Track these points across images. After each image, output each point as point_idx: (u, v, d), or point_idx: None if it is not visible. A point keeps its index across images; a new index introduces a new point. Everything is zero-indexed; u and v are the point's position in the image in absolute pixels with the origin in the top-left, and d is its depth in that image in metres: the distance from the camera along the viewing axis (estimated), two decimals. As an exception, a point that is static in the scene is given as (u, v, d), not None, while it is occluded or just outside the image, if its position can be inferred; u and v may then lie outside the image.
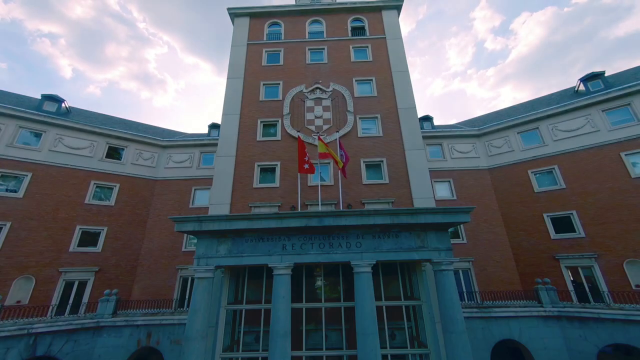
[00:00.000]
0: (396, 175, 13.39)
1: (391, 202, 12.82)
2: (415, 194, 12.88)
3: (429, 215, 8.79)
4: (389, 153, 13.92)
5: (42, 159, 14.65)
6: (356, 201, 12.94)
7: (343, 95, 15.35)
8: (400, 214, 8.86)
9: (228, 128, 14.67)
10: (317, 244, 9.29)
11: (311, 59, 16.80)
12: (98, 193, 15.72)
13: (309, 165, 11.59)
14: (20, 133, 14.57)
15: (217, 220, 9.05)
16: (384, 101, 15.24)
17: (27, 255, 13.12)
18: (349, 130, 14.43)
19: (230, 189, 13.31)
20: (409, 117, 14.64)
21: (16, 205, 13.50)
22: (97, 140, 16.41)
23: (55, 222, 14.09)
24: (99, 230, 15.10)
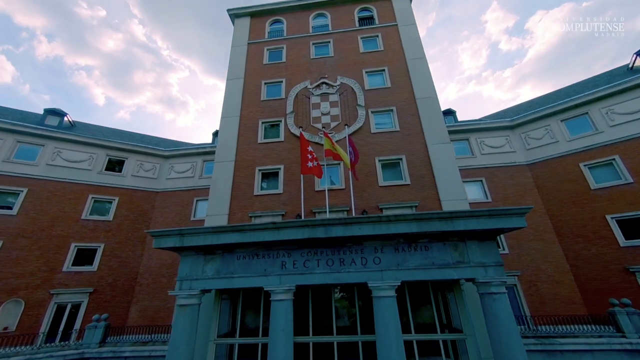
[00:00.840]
0: (418, 175, 11.33)
1: (414, 206, 10.72)
2: (444, 195, 10.72)
3: (469, 220, 6.70)
4: (409, 149, 11.93)
5: (39, 174, 14.05)
6: (372, 206, 10.98)
7: (352, 89, 13.68)
8: (430, 219, 6.82)
9: (227, 131, 13.38)
10: (324, 261, 7.41)
11: (316, 53, 15.40)
12: (96, 208, 14.87)
13: (314, 164, 9.86)
14: (18, 148, 14.14)
15: (201, 234, 7.46)
16: (399, 92, 13.39)
17: (17, 277, 12.23)
18: (360, 126, 12.65)
19: (228, 197, 11.82)
20: (429, 107, 12.66)
21: (9, 222, 12.80)
22: (96, 152, 15.76)
23: (49, 240, 13.24)
24: (95, 247, 14.10)
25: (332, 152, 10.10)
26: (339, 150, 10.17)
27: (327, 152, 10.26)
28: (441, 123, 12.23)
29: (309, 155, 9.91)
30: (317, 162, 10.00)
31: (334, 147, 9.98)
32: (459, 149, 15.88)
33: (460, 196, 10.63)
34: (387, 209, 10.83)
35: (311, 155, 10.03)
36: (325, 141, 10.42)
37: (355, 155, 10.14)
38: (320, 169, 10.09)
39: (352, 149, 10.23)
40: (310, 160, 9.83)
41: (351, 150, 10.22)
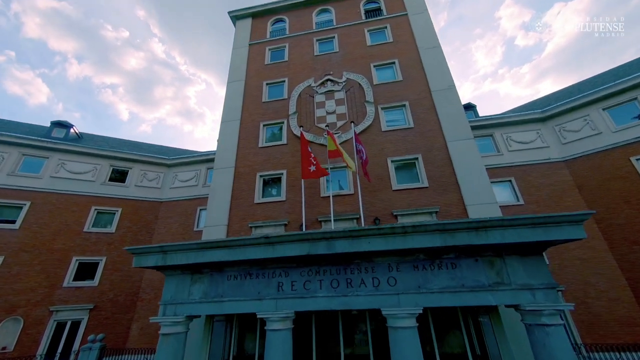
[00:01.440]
0: (438, 176, 9.94)
1: (434, 212, 9.32)
2: (469, 198, 9.25)
3: (507, 231, 5.30)
4: (425, 147, 10.57)
5: (43, 187, 13.88)
6: (385, 213, 9.67)
7: (359, 85, 12.55)
8: (456, 229, 5.48)
9: (227, 136, 12.59)
10: (327, 281, 6.21)
11: (320, 50, 14.44)
12: (99, 219, 14.49)
13: (317, 167, 8.74)
14: (23, 161, 14.07)
15: (185, 251, 6.50)
16: (412, 85, 12.09)
17: (17, 293, 11.88)
18: (369, 124, 11.44)
19: (227, 207, 10.92)
20: (447, 100, 11.27)
21: (11, 237, 12.59)
22: (100, 163, 15.52)
23: (50, 254, 12.90)
24: (97, 261, 13.64)
25: (337, 153, 8.94)
26: (345, 154, 8.98)
27: (331, 153, 9.11)
28: (462, 117, 10.80)
29: (311, 158, 8.82)
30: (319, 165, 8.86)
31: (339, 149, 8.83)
32: (482, 147, 14.22)
33: (488, 199, 9.12)
34: (402, 216, 9.49)
35: (312, 156, 8.92)
36: (328, 141, 9.29)
37: (366, 156, 8.93)
38: (322, 171, 8.93)
39: (361, 146, 9.02)
40: (312, 164, 8.74)
41: (361, 149, 9.02)
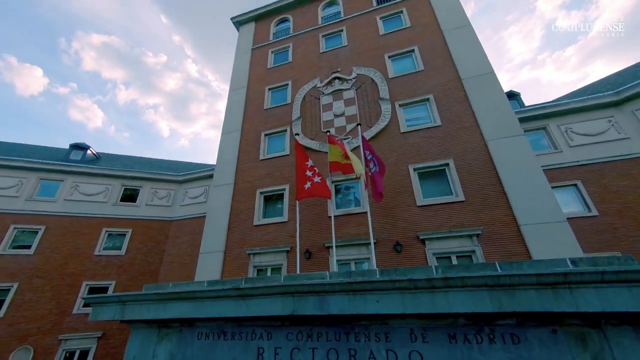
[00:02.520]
0: (477, 185, 7.69)
1: (475, 234, 7.09)
2: (524, 215, 6.91)
3: (613, 290, 3.14)
4: (458, 150, 8.38)
5: (57, 210, 13.96)
6: (409, 237, 7.65)
7: (372, 80, 10.69)
8: (518, 285, 3.43)
9: (226, 149, 11.47)
10: (323, 351, 4.42)
11: (326, 46, 12.87)
12: (109, 242, 14.22)
13: (314, 184, 7.04)
14: (40, 185, 14.33)
15: (145, 302, 5.17)
16: (436, 74, 9.96)
17: (28, 321, 11.75)
18: (385, 126, 9.51)
19: (224, 230, 9.66)
20: (484, 88, 8.98)
21: (26, 263, 12.64)
22: (112, 183, 15.40)
23: (61, 279, 12.74)
24: (106, 286, 13.25)
25: (340, 165, 7.13)
26: (354, 159, 7.07)
27: (332, 165, 7.32)
28: (506, 108, 8.44)
29: (308, 172, 7.16)
30: (320, 178, 7.14)
31: (343, 157, 7.02)
32: (531, 143, 11.41)
33: (552, 216, 6.69)
34: (432, 241, 7.38)
35: (311, 171, 7.24)
36: (329, 150, 7.53)
37: (381, 165, 7.01)
38: (325, 188, 7.17)
39: (373, 156, 7.15)
40: (309, 179, 7.06)
41: (372, 158, 7.16)
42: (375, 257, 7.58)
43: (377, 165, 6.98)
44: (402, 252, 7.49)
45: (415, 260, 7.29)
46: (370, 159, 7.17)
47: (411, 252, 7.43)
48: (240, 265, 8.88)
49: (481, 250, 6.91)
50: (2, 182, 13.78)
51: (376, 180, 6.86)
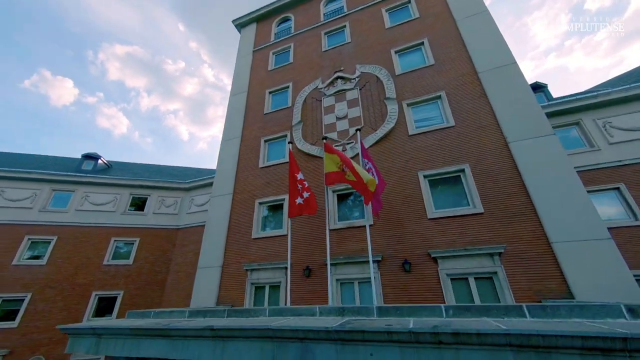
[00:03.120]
0: (498, 194, 6.69)
1: (497, 253, 6.11)
2: (556, 230, 5.86)
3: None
4: (475, 153, 7.37)
5: (68, 221, 14.22)
6: (419, 254, 6.78)
7: (377, 78, 9.83)
8: (556, 348, 2.58)
9: (226, 157, 11.03)
10: (310, 406, 3.76)
11: (329, 43, 12.11)
12: (117, 251, 14.31)
13: (305, 200, 6.33)
14: (53, 196, 14.67)
15: (119, 335, 4.71)
16: (448, 69, 8.94)
17: (41, 331, 11.97)
18: (391, 128, 8.63)
19: (223, 243, 9.21)
20: (505, 81, 7.89)
21: (39, 273, 12.92)
22: (120, 192, 15.53)
23: (72, 289, 12.91)
24: (115, 295, 13.31)
25: (337, 177, 6.36)
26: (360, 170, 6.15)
27: (329, 177, 6.57)
28: (531, 103, 7.33)
29: (298, 186, 6.47)
30: (309, 194, 6.42)
31: (341, 166, 6.25)
32: (562, 140, 10.05)
33: (593, 232, 5.60)
34: (445, 259, 6.47)
35: (301, 184, 6.54)
36: (325, 159, 6.77)
37: (380, 180, 6.18)
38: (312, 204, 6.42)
39: (373, 166, 6.34)
40: (299, 194, 6.37)
41: (371, 167, 6.36)
42: (381, 277, 6.81)
43: (375, 176, 6.17)
44: (411, 271, 6.65)
45: (427, 281, 6.43)
46: (369, 168, 6.37)
47: (422, 271, 6.57)
48: (237, 283, 8.38)
49: (504, 271, 5.94)
50: (18, 194, 14.20)
51: (377, 194, 6.05)
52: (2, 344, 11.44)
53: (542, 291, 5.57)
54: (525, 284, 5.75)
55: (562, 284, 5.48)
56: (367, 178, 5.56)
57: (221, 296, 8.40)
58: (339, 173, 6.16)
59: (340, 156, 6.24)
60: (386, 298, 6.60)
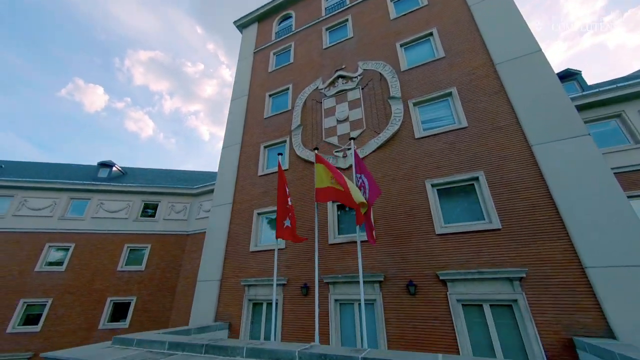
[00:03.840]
0: (519, 207, 5.77)
1: (518, 278, 5.24)
2: (591, 254, 4.92)
3: None
4: (491, 158, 6.45)
5: (85, 228, 14.75)
6: (425, 274, 6.05)
7: (381, 76, 9.01)
8: None
9: (226, 165, 10.74)
10: None
11: (330, 40, 11.38)
12: (130, 257, 14.66)
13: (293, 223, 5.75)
14: (71, 204, 15.27)
15: (95, 371, 4.48)
16: (461, 61, 7.95)
17: (61, 336, 12.53)
18: (395, 131, 7.84)
19: (222, 255, 8.94)
20: (527, 72, 6.83)
21: (59, 279, 13.52)
22: (132, 199, 15.88)
23: (89, 295, 13.40)
24: (128, 301, 13.65)
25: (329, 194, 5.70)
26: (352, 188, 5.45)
27: (319, 193, 5.93)
28: (559, 96, 6.26)
29: (287, 204, 5.91)
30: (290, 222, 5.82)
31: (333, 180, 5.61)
32: (598, 137, 8.69)
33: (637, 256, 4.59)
34: (455, 283, 5.70)
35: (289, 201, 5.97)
36: (316, 172, 6.14)
37: (371, 192, 5.48)
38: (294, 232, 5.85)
39: (366, 178, 5.65)
40: (287, 214, 5.82)
41: (364, 182, 5.68)
42: (383, 299, 6.17)
43: (367, 193, 5.46)
44: (416, 294, 5.94)
45: (434, 306, 5.70)
46: (362, 184, 5.68)
47: (428, 295, 5.84)
48: (235, 298, 8.07)
49: (526, 299, 5.08)
50: (40, 203, 14.90)
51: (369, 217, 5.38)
52: (26, 347, 12.08)
53: (573, 326, 4.68)
54: (552, 315, 4.87)
55: (599, 319, 4.56)
56: (359, 199, 4.91)
57: (219, 311, 8.14)
58: (331, 190, 5.53)
59: (332, 170, 5.61)
60: (388, 324, 5.96)
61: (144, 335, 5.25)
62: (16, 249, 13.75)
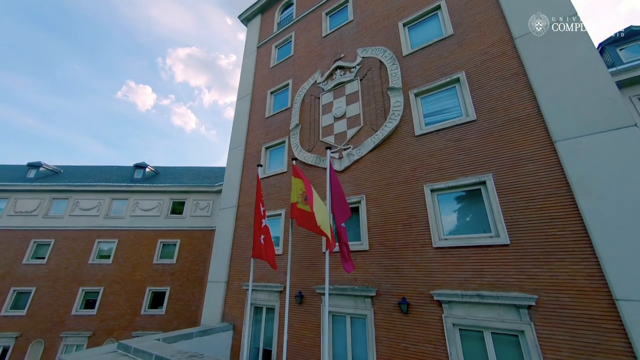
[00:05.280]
0: (533, 219, 4.80)
1: (526, 305, 4.43)
2: (623, 282, 3.90)
3: None
4: (502, 159, 5.42)
5: (125, 225, 16.50)
6: (419, 292, 5.48)
7: (381, 63, 8.05)
8: None
9: (232, 167, 10.89)
10: None
11: (330, 26, 10.48)
12: (163, 252, 16.12)
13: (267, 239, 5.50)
14: (113, 204, 17.14)
15: (92, 379, 4.94)
16: (472, 38, 6.68)
17: (112, 318, 14.51)
18: (394, 128, 7.02)
19: (227, 258, 9.25)
20: (556, 46, 5.48)
21: (107, 270, 15.49)
22: (162, 198, 17.24)
23: (132, 284, 15.18)
24: (164, 290, 15.19)
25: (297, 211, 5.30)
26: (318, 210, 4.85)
27: (293, 209, 5.55)
28: (598, 76, 4.91)
29: (263, 221, 5.67)
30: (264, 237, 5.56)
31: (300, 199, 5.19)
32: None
33: (696, 291, 3.48)
34: (452, 305, 5.05)
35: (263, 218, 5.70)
36: (293, 186, 5.75)
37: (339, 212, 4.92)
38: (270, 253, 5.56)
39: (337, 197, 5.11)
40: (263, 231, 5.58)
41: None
42: (374, 315, 5.79)
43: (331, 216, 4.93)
44: (408, 313, 5.43)
45: (428, 329, 5.16)
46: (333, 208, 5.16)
47: (422, 315, 5.30)
48: (238, 301, 8.35)
49: (535, 332, 4.28)
50: (88, 204, 16.99)
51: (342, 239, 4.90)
52: (86, 327, 14.25)
53: (593, 371, 3.83)
54: (569, 354, 4.04)
55: (629, 367, 3.65)
56: (321, 219, 4.47)
57: (225, 312, 8.53)
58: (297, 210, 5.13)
59: (306, 184, 5.19)
60: (379, 343, 5.59)
61: (139, 345, 5.64)
62: (73, 245, 16.00)
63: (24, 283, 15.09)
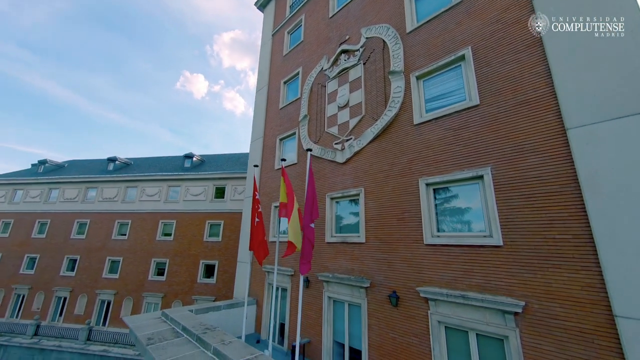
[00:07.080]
0: (531, 219, 4.31)
1: (512, 313, 4.18)
2: (626, 298, 3.39)
3: None
4: (503, 150, 4.83)
5: (180, 209, 19.30)
6: (409, 287, 5.53)
7: (384, 44, 7.45)
8: None
9: (254, 158, 11.68)
10: None
11: (338, 4, 9.84)
12: (211, 231, 18.53)
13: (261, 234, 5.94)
14: (170, 191, 20.05)
15: None
16: (483, 4, 5.68)
17: (177, 284, 17.69)
18: (393, 116, 6.64)
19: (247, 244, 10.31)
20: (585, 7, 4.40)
21: (170, 246, 18.63)
22: (207, 184, 19.45)
23: (189, 258, 18.06)
24: (213, 264, 17.72)
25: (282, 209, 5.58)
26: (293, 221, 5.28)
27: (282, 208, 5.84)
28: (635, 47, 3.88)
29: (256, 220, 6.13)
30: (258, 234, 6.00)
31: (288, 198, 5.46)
32: None
33: None
34: (438, 304, 5.01)
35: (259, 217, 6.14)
36: (281, 186, 6.01)
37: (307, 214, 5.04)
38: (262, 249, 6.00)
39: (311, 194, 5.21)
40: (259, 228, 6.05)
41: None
42: (367, 305, 6.10)
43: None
44: (398, 306, 5.57)
45: (414, 323, 5.26)
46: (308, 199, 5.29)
47: (410, 309, 5.38)
48: (260, 281, 9.44)
49: (519, 339, 4.06)
50: (151, 191, 20.22)
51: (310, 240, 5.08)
52: (159, 289, 17.74)
53: (576, 387, 3.55)
54: (553, 366, 3.79)
55: (617, 389, 3.30)
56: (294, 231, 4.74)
57: (251, 289, 9.77)
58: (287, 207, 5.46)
59: (288, 192, 5.45)
60: (370, 330, 5.92)
61: (175, 315, 7.00)
62: (144, 224, 19.51)
63: (114, 254, 19.24)
